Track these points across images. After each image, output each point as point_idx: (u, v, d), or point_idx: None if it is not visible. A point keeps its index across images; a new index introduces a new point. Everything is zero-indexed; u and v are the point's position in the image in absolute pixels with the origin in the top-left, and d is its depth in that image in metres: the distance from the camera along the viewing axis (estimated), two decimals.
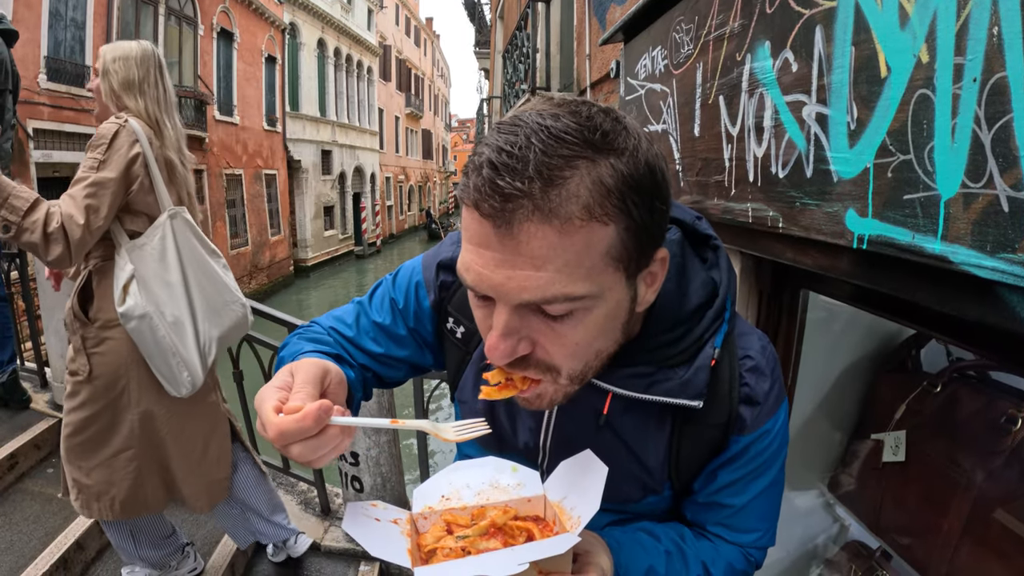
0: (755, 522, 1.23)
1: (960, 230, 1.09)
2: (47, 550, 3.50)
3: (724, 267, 1.16)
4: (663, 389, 1.07)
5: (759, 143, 1.79)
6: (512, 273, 0.82)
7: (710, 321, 1.10)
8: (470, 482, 1.13)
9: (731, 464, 1.17)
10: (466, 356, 1.29)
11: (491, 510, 1.06)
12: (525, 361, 0.92)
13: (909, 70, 1.22)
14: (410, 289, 1.33)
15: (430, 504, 1.10)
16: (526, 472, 1.12)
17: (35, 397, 4.94)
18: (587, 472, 1.02)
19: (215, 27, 23.70)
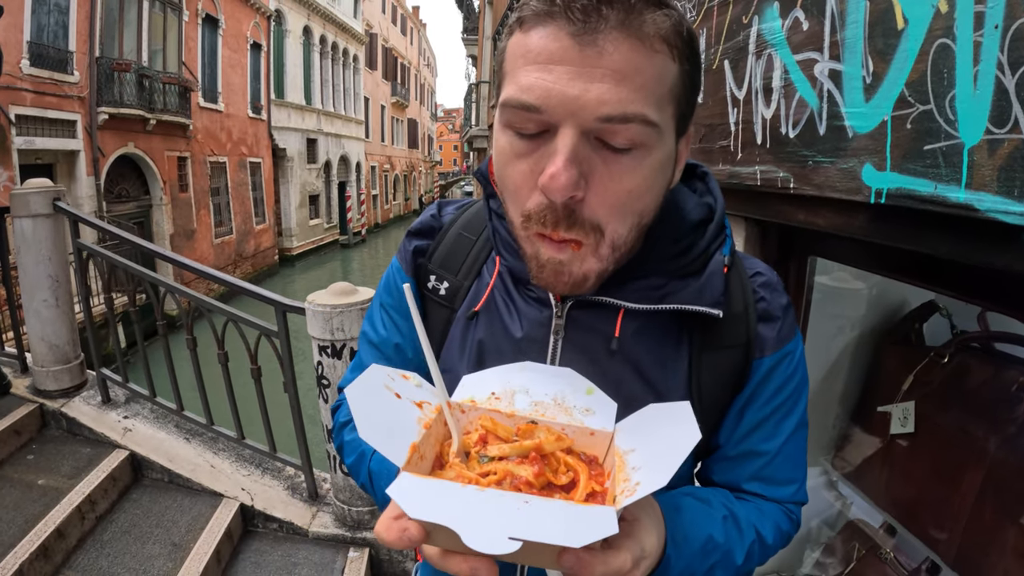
0: (791, 471, 1.16)
1: (985, 177, 1.07)
2: (27, 538, 3.47)
3: (715, 191, 1.15)
4: (678, 298, 1.03)
5: (767, 104, 1.77)
6: (590, 85, 0.79)
7: (714, 234, 1.08)
8: (532, 388, 0.96)
9: (757, 397, 1.11)
10: (451, 315, 1.20)
11: (542, 431, 0.87)
12: (572, 217, 0.86)
13: (928, 21, 1.20)
14: (391, 279, 1.30)
15: (475, 397, 0.95)
16: (601, 399, 0.94)
17: (16, 383, 4.88)
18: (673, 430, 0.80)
19: (200, 13, 23.55)
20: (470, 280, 1.19)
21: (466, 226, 1.24)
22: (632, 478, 0.75)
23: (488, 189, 1.14)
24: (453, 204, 1.30)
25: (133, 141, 19.68)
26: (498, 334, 1.11)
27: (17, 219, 4.49)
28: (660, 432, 0.81)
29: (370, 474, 1.15)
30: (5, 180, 14.65)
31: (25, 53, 15.48)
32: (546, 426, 0.89)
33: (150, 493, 4.33)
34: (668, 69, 0.84)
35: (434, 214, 1.28)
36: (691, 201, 1.11)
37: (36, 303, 4.59)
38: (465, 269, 1.19)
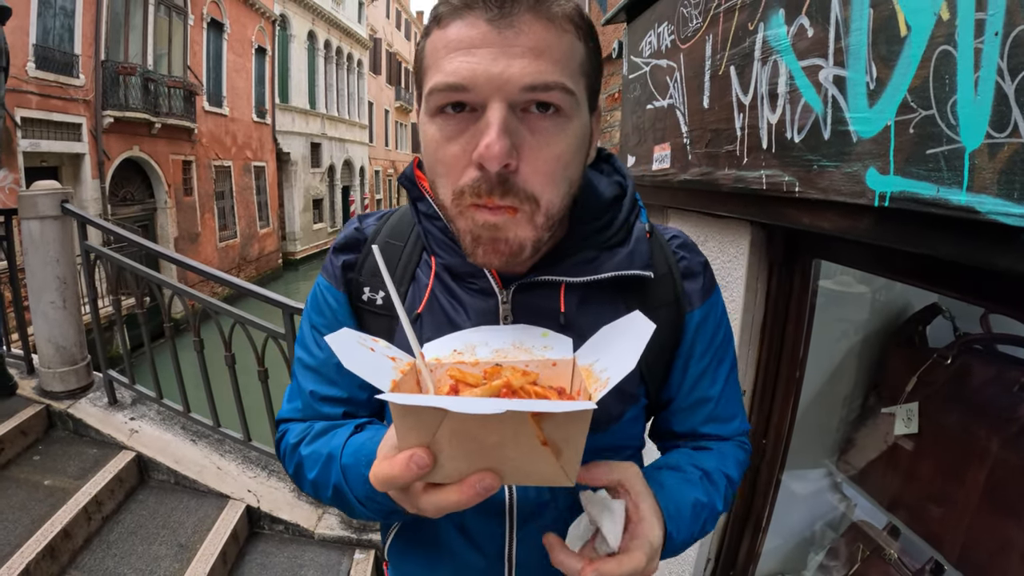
0: (734, 407, 1.30)
1: (986, 180, 1.10)
2: (33, 538, 3.48)
3: (622, 170, 1.23)
4: (611, 266, 1.09)
5: (773, 110, 1.79)
6: (512, 62, 0.87)
7: (630, 207, 1.16)
8: (490, 340, 1.00)
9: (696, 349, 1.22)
10: (391, 323, 1.20)
11: (507, 370, 0.92)
12: (507, 185, 0.90)
13: (929, 28, 1.23)
14: (319, 299, 1.29)
15: (439, 356, 0.98)
16: (557, 337, 0.99)
17: (22, 384, 4.90)
18: (628, 331, 0.87)
19: (205, 17, 23.60)
20: (405, 286, 1.20)
21: (391, 234, 1.25)
22: (601, 377, 0.81)
23: (415, 192, 1.18)
24: (373, 215, 1.32)
25: (138, 144, 19.71)
26: (445, 330, 1.11)
27: (25, 221, 4.51)
28: (616, 339, 0.88)
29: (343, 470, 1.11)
30: (11, 182, 14.68)
31: (31, 56, 15.50)
32: (511, 366, 0.93)
33: (156, 494, 4.35)
34: (576, 47, 0.94)
35: (357, 227, 1.29)
36: (603, 182, 1.18)
37: (43, 304, 4.61)
38: (398, 276, 1.21)
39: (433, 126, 0.94)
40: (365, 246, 1.25)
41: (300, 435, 1.24)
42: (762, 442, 2.46)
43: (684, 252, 1.23)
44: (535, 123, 0.90)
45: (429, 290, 1.16)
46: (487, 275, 1.11)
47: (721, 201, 2.23)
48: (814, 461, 2.66)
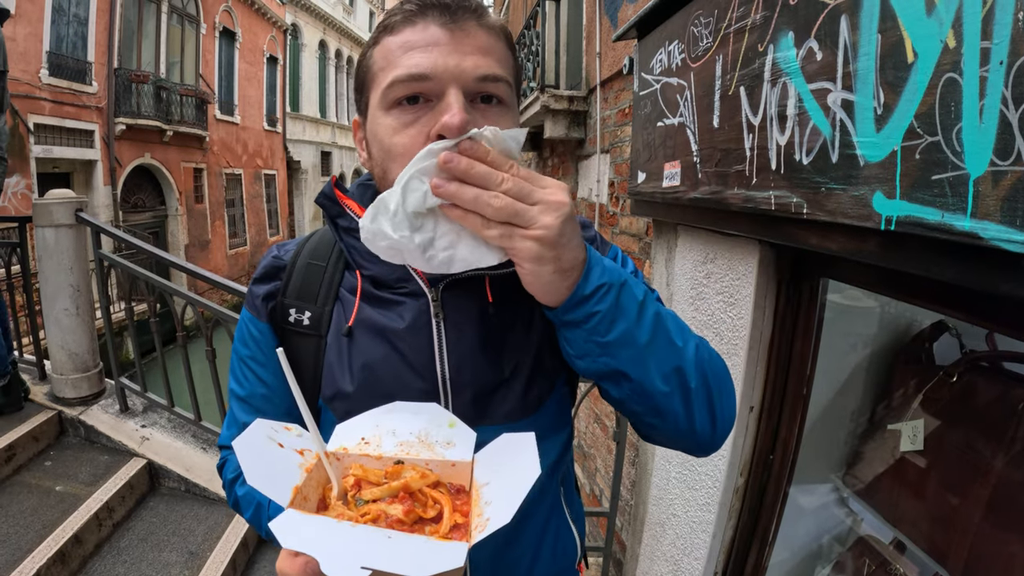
0: None
1: (989, 207, 1.12)
2: (44, 543, 3.49)
3: None
4: None
5: (782, 131, 1.81)
6: (465, 57, 0.99)
7: None
8: (398, 428, 1.02)
9: None
10: (320, 341, 1.23)
11: (408, 470, 0.94)
12: None
13: (936, 55, 1.25)
14: (243, 331, 1.32)
15: (346, 445, 1.00)
16: (462, 431, 1.01)
17: (34, 389, 4.92)
18: (519, 464, 0.88)
19: (217, 26, 23.74)
20: (330, 304, 1.23)
21: (312, 255, 1.28)
22: (484, 512, 0.83)
23: (334, 210, 1.22)
24: (292, 242, 1.35)
25: (150, 152, 19.82)
26: (378, 339, 1.17)
27: (39, 228, 4.53)
28: (509, 465, 0.90)
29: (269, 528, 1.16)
30: (23, 188, 14.78)
31: (44, 63, 15.62)
32: (412, 464, 0.95)
33: (167, 502, 4.37)
34: (508, 55, 1.07)
35: (275, 255, 1.32)
36: None
37: (56, 311, 4.63)
38: (323, 295, 1.24)
39: (389, 117, 1.03)
40: (287, 270, 1.28)
41: (235, 471, 1.29)
42: (769, 457, 2.47)
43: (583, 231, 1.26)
44: (484, 111, 1.01)
45: (357, 304, 1.20)
46: (415, 277, 1.16)
47: (730, 220, 2.25)
48: (821, 475, 2.67)
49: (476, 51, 1.00)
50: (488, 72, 1.00)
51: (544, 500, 1.25)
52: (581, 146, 6.43)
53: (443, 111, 0.96)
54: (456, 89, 0.97)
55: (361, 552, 0.74)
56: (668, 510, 3.13)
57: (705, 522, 2.75)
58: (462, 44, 0.99)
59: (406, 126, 1.01)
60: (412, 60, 0.98)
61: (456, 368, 1.15)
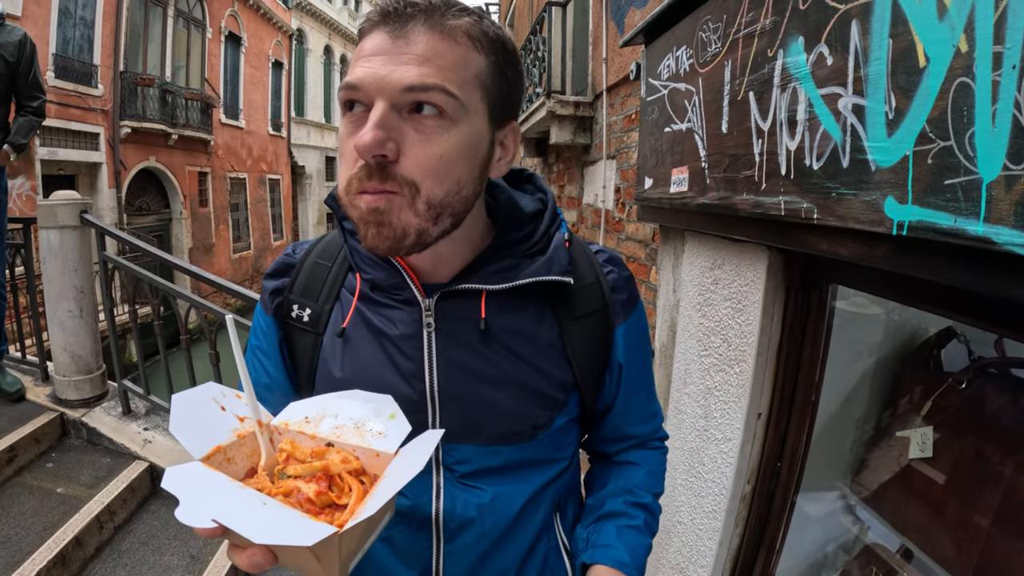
0: (654, 403, 1.44)
1: (1003, 211, 1.11)
2: (45, 545, 3.47)
3: (544, 188, 1.31)
4: (530, 273, 1.14)
5: (792, 136, 1.81)
6: (397, 67, 0.94)
7: (550, 219, 1.23)
8: (340, 412, 1.03)
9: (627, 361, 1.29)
10: (318, 339, 1.26)
11: (334, 453, 0.95)
12: (386, 172, 0.96)
13: (948, 59, 1.25)
14: (256, 323, 1.36)
15: (289, 420, 1.03)
16: (398, 425, 1.00)
17: (36, 391, 4.92)
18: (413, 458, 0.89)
19: (223, 31, 23.81)
20: (331, 303, 1.25)
21: (321, 254, 1.31)
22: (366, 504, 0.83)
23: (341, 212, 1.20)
24: (307, 242, 1.37)
25: (155, 155, 19.88)
26: (371, 342, 1.18)
27: (44, 230, 4.53)
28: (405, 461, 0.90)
29: None
30: (28, 190, 14.81)
31: (50, 65, 15.68)
32: (340, 448, 0.97)
33: (169, 505, 4.35)
34: (473, 58, 1.00)
35: (288, 252, 1.36)
36: (525, 199, 1.25)
37: (60, 313, 4.63)
38: (325, 294, 1.26)
39: (342, 122, 1.03)
40: (296, 267, 1.31)
41: None
42: (777, 464, 2.46)
43: (611, 266, 1.29)
44: (418, 122, 0.96)
45: (353, 306, 1.21)
46: (410, 285, 1.15)
47: (739, 225, 2.24)
48: (827, 483, 2.66)
49: (413, 60, 0.95)
50: (416, 82, 0.94)
51: (527, 523, 1.25)
52: (587, 152, 6.44)
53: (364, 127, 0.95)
54: (382, 101, 0.95)
55: (223, 508, 0.75)
56: (674, 518, 3.12)
57: (711, 530, 2.74)
58: (401, 53, 0.96)
59: (348, 134, 1.00)
60: (355, 70, 0.98)
61: (444, 380, 1.16)
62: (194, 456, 0.87)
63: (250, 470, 0.96)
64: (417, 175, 0.96)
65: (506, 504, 1.21)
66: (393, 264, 1.16)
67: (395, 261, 1.16)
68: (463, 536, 1.20)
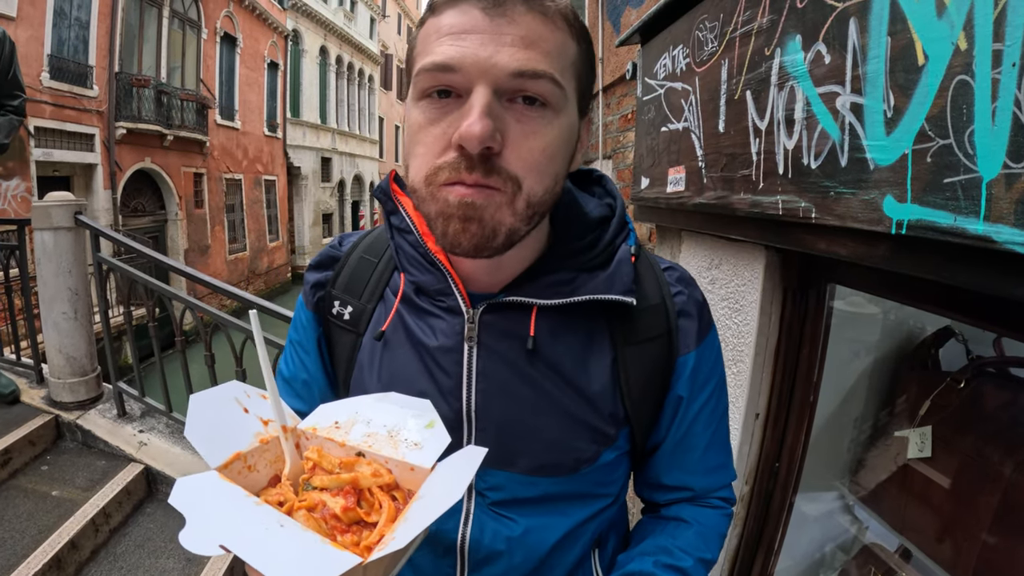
0: (723, 455, 1.24)
1: (1003, 210, 1.10)
2: (40, 548, 3.46)
3: (614, 191, 1.18)
4: (588, 289, 1.04)
5: (790, 135, 1.80)
6: (501, 48, 0.85)
7: (617, 228, 1.11)
8: (373, 418, 0.94)
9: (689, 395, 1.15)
10: (357, 339, 1.18)
11: (364, 465, 0.87)
12: (490, 165, 0.88)
13: (947, 57, 1.24)
14: (296, 316, 1.30)
15: (317, 425, 0.95)
16: (436, 435, 0.91)
17: (31, 393, 4.90)
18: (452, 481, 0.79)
19: (219, 31, 23.78)
20: (374, 303, 1.18)
21: (368, 249, 1.24)
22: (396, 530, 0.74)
23: (389, 206, 1.16)
24: (356, 234, 1.30)
25: (150, 156, 19.83)
26: (409, 350, 1.10)
27: (38, 231, 4.51)
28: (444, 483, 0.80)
29: None
30: (23, 191, 14.77)
31: (45, 66, 15.63)
32: (371, 459, 0.89)
33: (164, 507, 4.33)
34: (568, 45, 0.92)
35: (334, 244, 1.29)
36: (591, 202, 1.13)
37: (55, 315, 4.61)
38: (368, 292, 1.19)
39: (417, 110, 0.93)
40: (341, 261, 1.24)
41: None
42: (775, 465, 2.46)
43: (681, 287, 1.16)
44: (521, 113, 0.89)
45: (395, 309, 1.13)
46: (455, 293, 1.07)
47: (736, 225, 2.24)
48: (826, 483, 2.65)
49: (517, 41, 0.86)
50: (525, 67, 0.86)
51: (560, 560, 1.14)
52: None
53: (465, 113, 0.86)
54: (484, 87, 0.86)
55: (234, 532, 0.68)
56: None
57: None
58: (502, 32, 0.86)
59: (431, 123, 0.90)
60: (441, 48, 0.88)
61: (482, 401, 1.06)
62: (210, 465, 0.81)
63: (273, 478, 0.90)
64: (520, 171, 0.89)
65: (539, 539, 1.10)
66: (439, 268, 1.08)
67: (442, 264, 1.07)
68: (489, 568, 1.11)
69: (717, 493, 1.24)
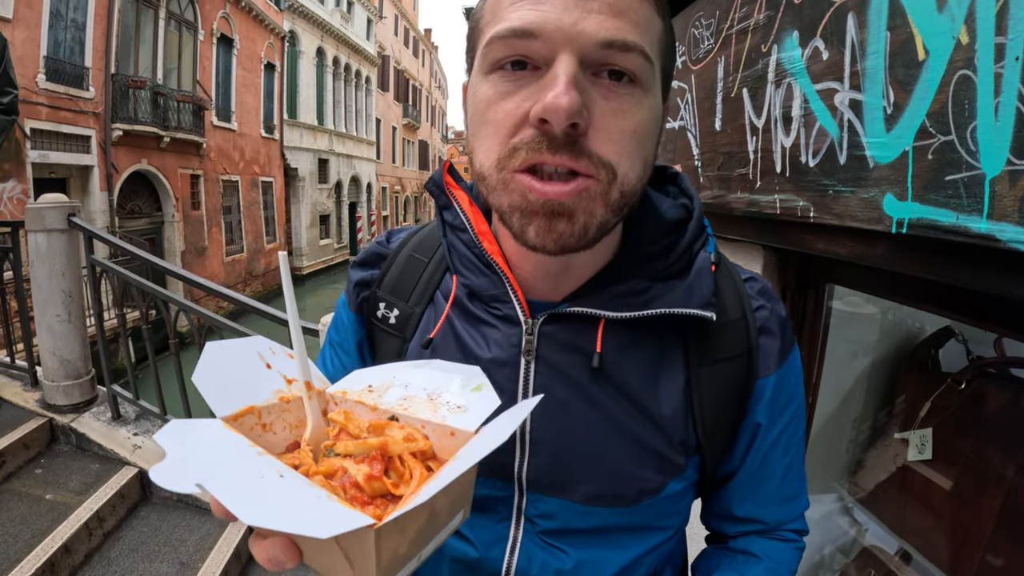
0: (800, 483, 1.14)
1: (1007, 207, 1.08)
2: (33, 553, 3.47)
3: (690, 191, 1.07)
4: (664, 302, 0.93)
5: (787, 133, 1.78)
6: (587, 15, 0.76)
7: (695, 232, 1.00)
8: (412, 382, 0.84)
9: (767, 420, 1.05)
10: (403, 345, 1.09)
11: (396, 428, 0.76)
12: (578, 146, 0.78)
13: (948, 52, 1.21)
14: (337, 315, 1.23)
15: (347, 389, 0.85)
16: (483, 398, 0.79)
17: (25, 396, 4.90)
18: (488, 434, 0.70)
19: (215, 32, 23.78)
20: (422, 307, 1.09)
21: (418, 247, 1.15)
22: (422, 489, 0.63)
23: (442, 200, 1.07)
24: (405, 230, 1.21)
25: (146, 158, 19.84)
26: (461, 360, 0.98)
27: (32, 233, 4.51)
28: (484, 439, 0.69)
29: None
30: (19, 193, 14.76)
31: (41, 68, 15.65)
32: (405, 422, 0.78)
33: (159, 511, 4.33)
34: (655, 21, 0.83)
35: (381, 241, 1.20)
36: (666, 202, 1.03)
37: (48, 317, 4.61)
38: (417, 294, 1.10)
39: (486, 83, 0.83)
40: (388, 259, 1.15)
41: None
42: None
43: (764, 300, 1.05)
44: (609, 89, 0.80)
45: (445, 314, 1.04)
46: (513, 300, 0.97)
47: (733, 224, 2.21)
48: (825, 485, 2.63)
49: (605, 8, 0.76)
50: (615, 36, 0.76)
51: None
52: None
53: (548, 85, 0.76)
54: (569, 55, 0.76)
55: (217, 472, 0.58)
56: None
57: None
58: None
59: (503, 96, 0.81)
60: (517, 13, 0.78)
61: (538, 421, 0.97)
62: (216, 413, 0.72)
63: (292, 444, 0.80)
64: (612, 155, 0.80)
65: (591, 574, 1.01)
66: (496, 271, 0.98)
67: (499, 267, 0.97)
68: None
69: (790, 525, 1.16)
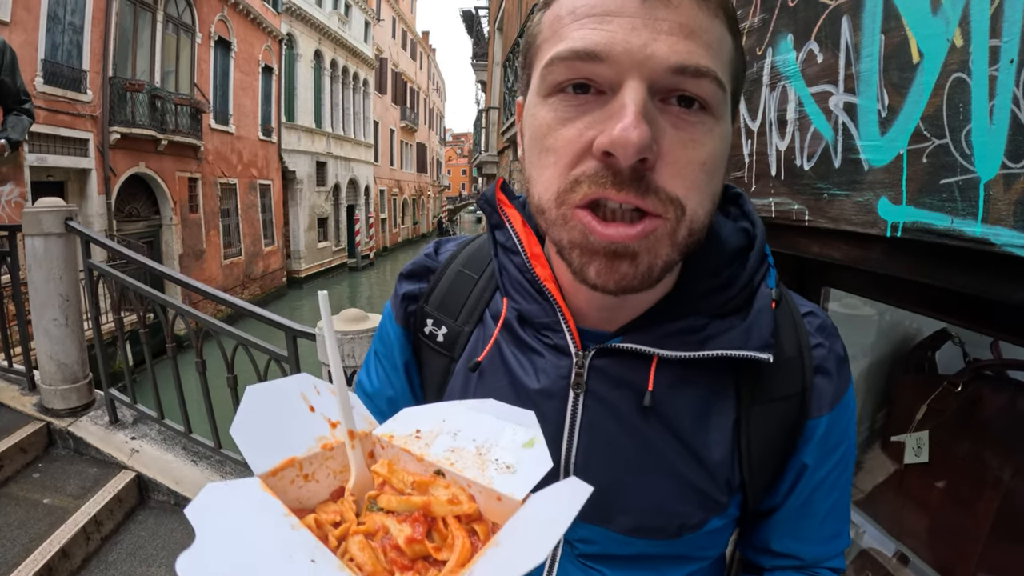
0: (841, 522, 1.07)
1: (1002, 211, 1.08)
2: (31, 557, 3.46)
3: (752, 215, 1.00)
4: (722, 342, 0.88)
5: (782, 136, 1.78)
6: (657, 36, 0.70)
7: (756, 263, 0.94)
8: (462, 430, 0.77)
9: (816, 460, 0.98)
10: (450, 364, 1.05)
11: (441, 487, 0.70)
12: (645, 182, 0.72)
13: (943, 55, 1.21)
14: (383, 327, 1.18)
15: (394, 432, 0.79)
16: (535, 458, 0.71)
17: (23, 400, 4.89)
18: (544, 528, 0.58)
19: (213, 36, 23.76)
20: (471, 326, 1.04)
21: (467, 263, 1.10)
22: None
23: (494, 219, 1.03)
24: (453, 241, 1.17)
25: (144, 161, 19.81)
26: (505, 389, 0.96)
27: (29, 237, 4.50)
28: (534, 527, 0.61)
29: None
30: (17, 196, 14.73)
31: (39, 71, 15.62)
32: (451, 479, 0.72)
33: (156, 515, 4.32)
34: (726, 40, 0.76)
35: (429, 253, 1.15)
36: (727, 227, 0.97)
37: (46, 321, 4.59)
38: (466, 312, 1.05)
39: (545, 107, 0.77)
40: (437, 273, 1.11)
41: None
42: None
43: (822, 338, 0.98)
44: (679, 117, 0.73)
45: (494, 338, 1.00)
46: (564, 330, 0.93)
47: None
48: None
49: (676, 29, 0.70)
50: (688, 62, 0.70)
51: None
52: None
53: (614, 114, 0.70)
54: (638, 81, 0.70)
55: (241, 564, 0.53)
56: None
57: None
58: (656, 17, 0.70)
59: (564, 123, 0.75)
60: (581, 32, 0.72)
61: (584, 457, 0.93)
62: (254, 470, 0.68)
63: (337, 491, 0.76)
64: (681, 190, 0.74)
65: None
66: (548, 298, 0.94)
67: (551, 295, 0.93)
68: None
69: (828, 563, 1.08)
